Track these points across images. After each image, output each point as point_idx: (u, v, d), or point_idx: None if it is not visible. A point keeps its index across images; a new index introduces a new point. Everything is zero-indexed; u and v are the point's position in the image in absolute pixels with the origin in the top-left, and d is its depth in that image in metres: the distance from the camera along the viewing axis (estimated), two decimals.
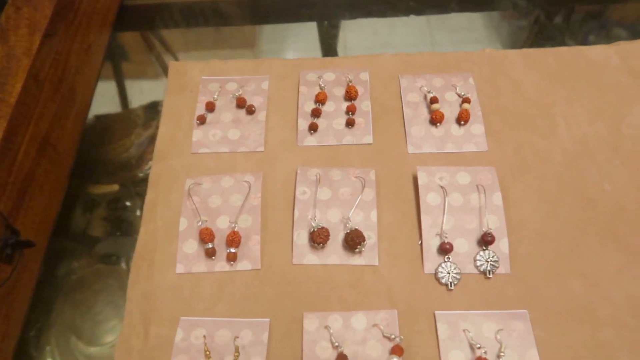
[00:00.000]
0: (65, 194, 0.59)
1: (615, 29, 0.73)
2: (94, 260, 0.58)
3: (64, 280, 0.55)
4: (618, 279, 0.47)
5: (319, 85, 0.61)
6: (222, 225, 0.51)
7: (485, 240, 0.48)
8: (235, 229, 0.50)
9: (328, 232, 0.49)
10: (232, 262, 0.49)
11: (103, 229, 0.60)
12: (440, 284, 0.48)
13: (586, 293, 0.46)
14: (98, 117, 0.68)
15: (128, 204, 0.63)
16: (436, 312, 0.46)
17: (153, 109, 0.69)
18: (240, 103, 0.59)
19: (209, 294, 0.48)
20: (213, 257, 0.50)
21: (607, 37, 0.72)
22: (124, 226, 0.59)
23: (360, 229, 0.50)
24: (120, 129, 0.69)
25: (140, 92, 0.71)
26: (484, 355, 0.42)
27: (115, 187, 0.64)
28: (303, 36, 0.76)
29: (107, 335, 0.52)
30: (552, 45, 0.65)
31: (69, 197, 0.60)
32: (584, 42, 0.71)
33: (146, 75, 0.76)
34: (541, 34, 0.72)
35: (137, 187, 0.63)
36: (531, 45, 0.71)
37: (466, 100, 0.58)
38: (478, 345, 0.43)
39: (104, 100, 0.69)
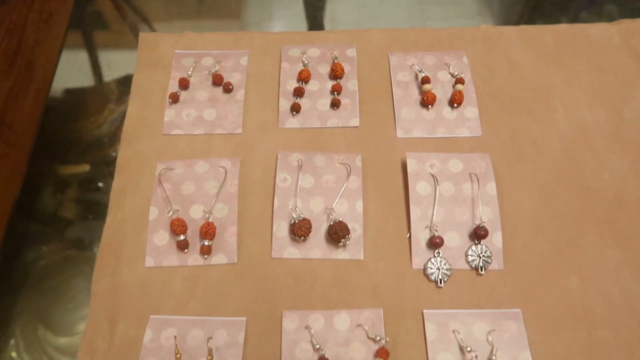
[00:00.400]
0: (33, 175, 0.54)
1: (607, 5, 0.69)
2: (65, 245, 0.54)
3: (32, 267, 0.51)
4: (616, 276, 0.44)
5: (302, 61, 0.57)
6: (195, 214, 0.48)
7: (478, 234, 0.45)
8: (210, 220, 0.46)
9: (310, 224, 0.46)
10: (206, 256, 0.46)
11: (74, 212, 0.56)
12: (430, 280, 0.45)
13: (583, 291, 0.44)
14: (68, 92, 0.63)
15: (100, 185, 0.59)
16: (424, 311, 0.43)
17: (127, 84, 0.64)
18: (217, 80, 0.54)
19: (181, 290, 0.45)
20: (185, 250, 0.46)
21: (599, 14, 0.68)
22: (96, 209, 0.55)
23: (344, 220, 0.47)
24: (92, 104, 0.64)
25: (109, 67, 0.65)
26: (474, 359, 0.40)
27: (86, 167, 0.60)
28: (287, 7, 0.71)
29: (79, 324, 0.49)
30: (546, 22, 0.61)
31: (36, 179, 0.55)
32: (576, 19, 0.67)
33: (120, 45, 0.70)
34: (535, 10, 0.68)
35: (110, 167, 0.58)
36: (525, 21, 0.67)
37: (460, 80, 0.54)
38: (469, 348, 0.40)
39: (74, 73, 0.63)
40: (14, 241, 0.51)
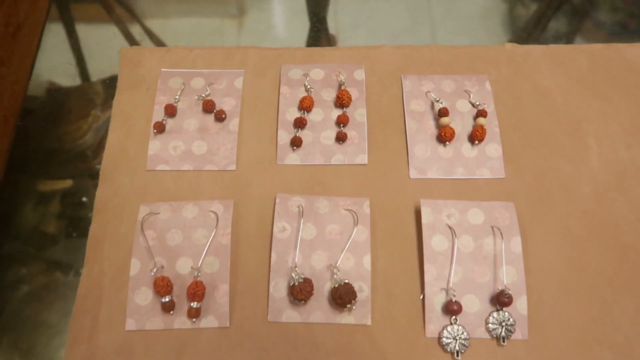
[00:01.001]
0: (10, 190, 0.49)
1: None
2: (45, 266, 0.49)
3: (10, 293, 0.45)
4: None
5: (305, 86, 0.50)
6: (182, 269, 0.42)
7: (501, 302, 0.40)
8: (199, 279, 0.41)
9: (312, 286, 0.40)
10: (194, 319, 0.41)
11: (57, 228, 0.51)
12: (445, 351, 0.40)
13: None
14: (50, 93, 0.56)
15: (84, 199, 0.53)
16: None
17: (114, 85, 0.58)
18: (208, 107, 0.48)
19: (166, 358, 0.40)
20: (171, 312, 0.41)
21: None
22: (81, 225, 0.49)
23: (350, 278, 0.41)
24: (75, 109, 0.57)
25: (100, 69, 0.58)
26: None
27: (68, 183, 0.54)
28: (289, 5, 0.63)
29: (60, 351, 0.44)
30: (573, 25, 0.54)
31: (14, 194, 0.50)
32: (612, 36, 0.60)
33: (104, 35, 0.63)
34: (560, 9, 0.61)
35: (95, 180, 0.53)
36: (546, 21, 0.59)
37: (481, 113, 0.48)
38: None
39: (53, 70, 0.57)
40: None
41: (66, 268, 0.47)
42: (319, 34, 0.59)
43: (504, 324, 0.40)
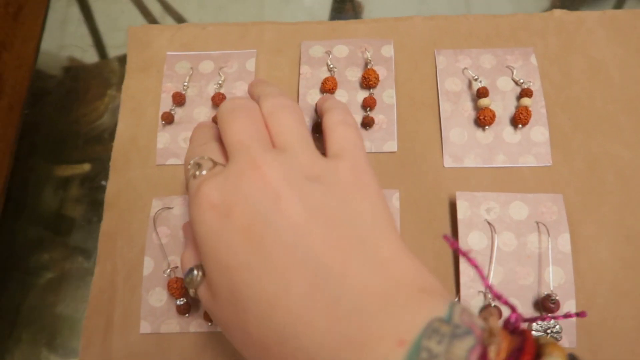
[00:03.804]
0: (28, 175, 0.47)
1: None
2: (69, 251, 0.48)
3: (33, 280, 0.44)
4: None
5: (327, 64, 0.45)
6: None
7: (547, 308, 0.36)
8: None
9: None
10: (210, 323, 0.38)
11: (77, 213, 0.49)
12: None
13: None
14: (67, 70, 0.54)
15: (104, 183, 0.51)
16: None
17: None
18: (219, 101, 0.44)
19: None
20: (187, 315, 0.38)
21: None
22: (101, 210, 0.47)
23: None
24: (92, 89, 0.55)
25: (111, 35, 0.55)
26: None
27: (86, 167, 0.52)
28: None
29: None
30: None
31: (32, 179, 0.48)
32: None
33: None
34: None
35: None
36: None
37: (526, 92, 0.42)
38: None
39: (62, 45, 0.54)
40: (11, 249, 0.45)
41: (87, 253, 0.45)
42: (343, 2, 0.53)
43: (549, 331, 0.36)
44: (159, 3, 0.57)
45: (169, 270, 0.39)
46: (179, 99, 0.44)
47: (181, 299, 0.38)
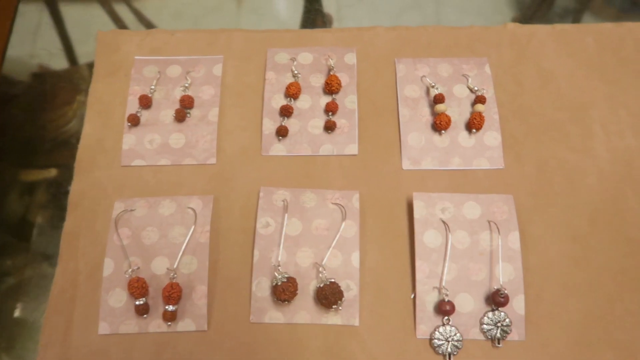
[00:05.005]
0: None
1: None
2: (32, 257, 0.47)
3: None
4: None
5: (292, 71, 0.47)
6: (158, 270, 0.40)
7: (497, 302, 0.38)
8: (175, 280, 0.39)
9: (296, 286, 0.38)
10: (169, 323, 0.38)
11: (43, 218, 0.48)
12: (437, 353, 0.38)
13: None
14: (35, 77, 0.54)
15: (70, 189, 0.51)
16: None
17: None
18: (187, 104, 0.45)
19: None
20: (145, 315, 0.39)
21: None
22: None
23: (337, 276, 0.39)
24: (60, 94, 0.55)
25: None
26: None
27: (52, 172, 0.52)
28: None
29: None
30: (581, 1, 0.50)
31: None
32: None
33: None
34: None
35: None
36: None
37: (480, 99, 0.45)
38: None
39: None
40: None
41: (53, 259, 0.45)
42: (313, 14, 0.55)
43: (499, 324, 0.38)
44: (132, 13, 0.57)
45: (130, 270, 0.39)
46: (145, 102, 0.45)
47: (141, 299, 0.38)
